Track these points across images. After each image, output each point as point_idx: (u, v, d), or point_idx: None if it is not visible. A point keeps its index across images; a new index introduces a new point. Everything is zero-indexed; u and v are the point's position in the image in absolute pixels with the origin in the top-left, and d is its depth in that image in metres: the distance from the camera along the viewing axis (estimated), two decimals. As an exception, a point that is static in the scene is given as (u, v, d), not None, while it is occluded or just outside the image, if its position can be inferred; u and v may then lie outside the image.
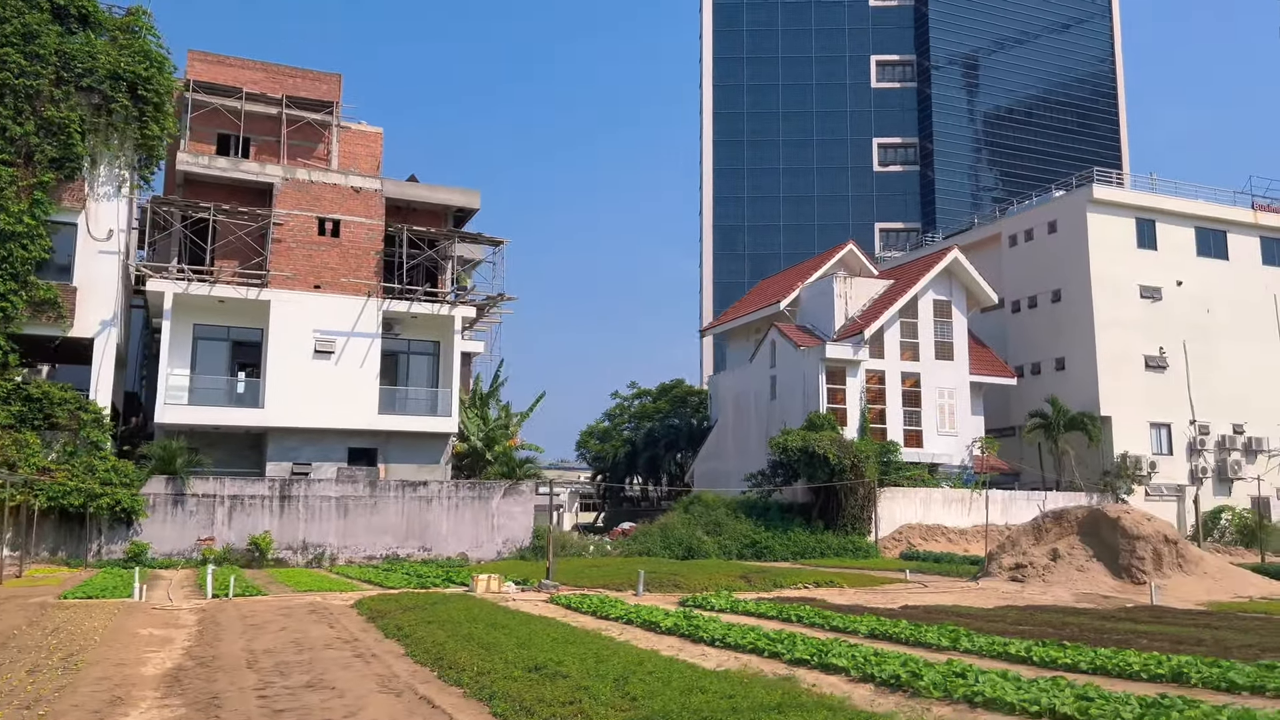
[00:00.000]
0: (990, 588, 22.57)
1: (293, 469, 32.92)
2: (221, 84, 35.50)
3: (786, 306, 47.01)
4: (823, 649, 11.41)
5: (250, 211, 32.55)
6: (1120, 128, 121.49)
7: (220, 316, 33.27)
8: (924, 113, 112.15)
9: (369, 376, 33.65)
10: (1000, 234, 50.85)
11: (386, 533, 32.20)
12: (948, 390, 43.90)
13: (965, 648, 12.53)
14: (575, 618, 16.63)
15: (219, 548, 30.16)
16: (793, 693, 7.41)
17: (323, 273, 33.60)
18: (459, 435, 36.28)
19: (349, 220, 34.19)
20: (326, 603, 16.95)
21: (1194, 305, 46.75)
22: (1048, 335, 47.51)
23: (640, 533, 37.60)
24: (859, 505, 38.04)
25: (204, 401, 32.16)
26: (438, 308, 34.70)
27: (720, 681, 7.68)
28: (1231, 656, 11.56)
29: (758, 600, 19.29)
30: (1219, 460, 46.08)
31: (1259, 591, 21.32)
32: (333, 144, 37.32)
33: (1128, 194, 47.14)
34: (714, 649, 12.57)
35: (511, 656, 9.25)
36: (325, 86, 37.94)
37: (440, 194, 36.40)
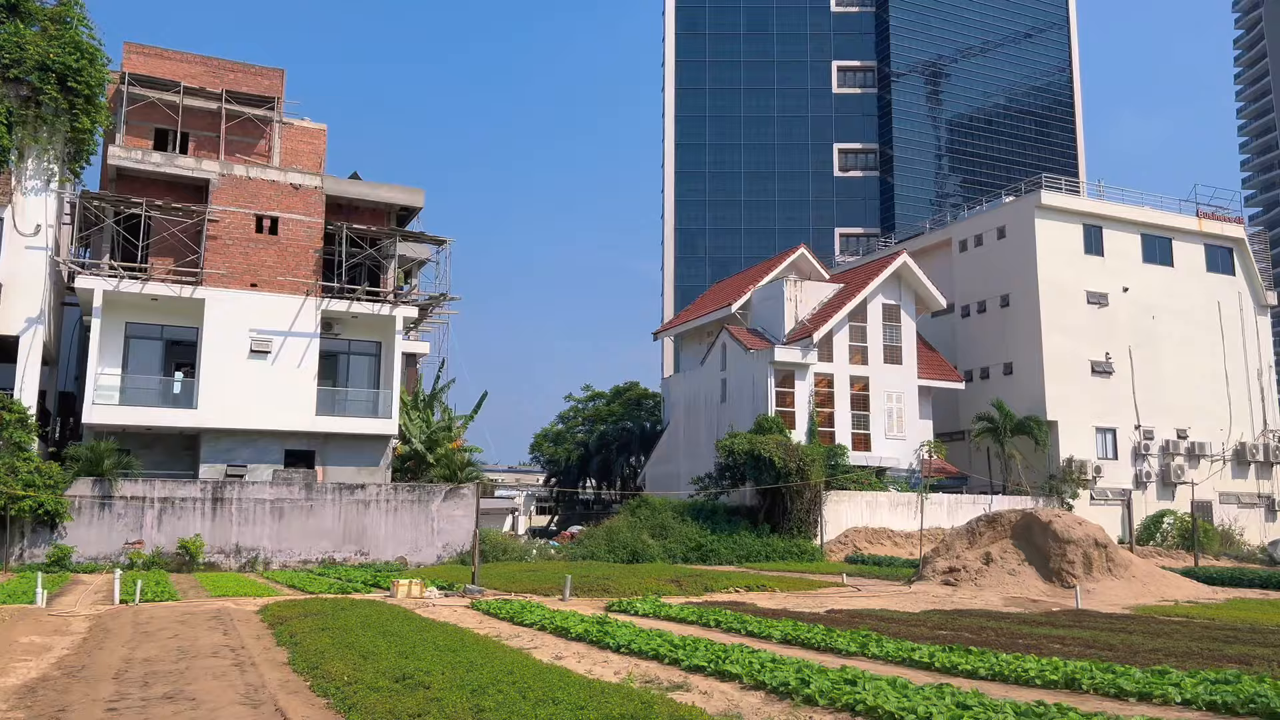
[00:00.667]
0: (922, 592, 22.48)
1: (227, 471, 32.24)
2: (158, 77, 34.71)
3: (738, 309, 46.91)
4: (722, 655, 11.17)
5: (184, 208, 31.86)
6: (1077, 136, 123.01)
7: (154, 315, 32.53)
8: (884, 119, 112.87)
9: (306, 377, 33.05)
10: (951, 239, 51.13)
11: (323, 536, 31.61)
12: (896, 394, 43.99)
13: (873, 653, 12.36)
14: (491, 624, 16.29)
15: (148, 551, 29.43)
16: (649, 702, 7.13)
17: (260, 271, 32.96)
18: (401, 438, 35.76)
19: (288, 218, 33.58)
20: (234, 608, 16.47)
21: (1140, 311, 47.25)
22: (996, 340, 47.79)
23: (585, 536, 37.29)
24: (805, 508, 37.96)
25: (135, 402, 31.40)
26: (378, 308, 34.18)
27: (580, 691, 7.39)
28: (1138, 661, 11.47)
29: (684, 604, 19.05)
30: (1163, 465, 46.56)
31: (1185, 595, 21.39)
32: (274, 140, 36.65)
33: (1075, 200, 47.55)
34: (617, 655, 12.30)
35: (386, 665, 8.91)
36: (267, 82, 37.25)
37: (383, 192, 35.89)
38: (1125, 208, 48.48)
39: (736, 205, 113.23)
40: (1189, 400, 47.38)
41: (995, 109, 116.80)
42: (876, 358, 43.99)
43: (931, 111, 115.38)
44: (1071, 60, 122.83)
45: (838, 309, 43.05)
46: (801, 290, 44.94)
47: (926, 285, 44.93)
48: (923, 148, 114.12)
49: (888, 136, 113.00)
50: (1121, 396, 46.19)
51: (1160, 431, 46.75)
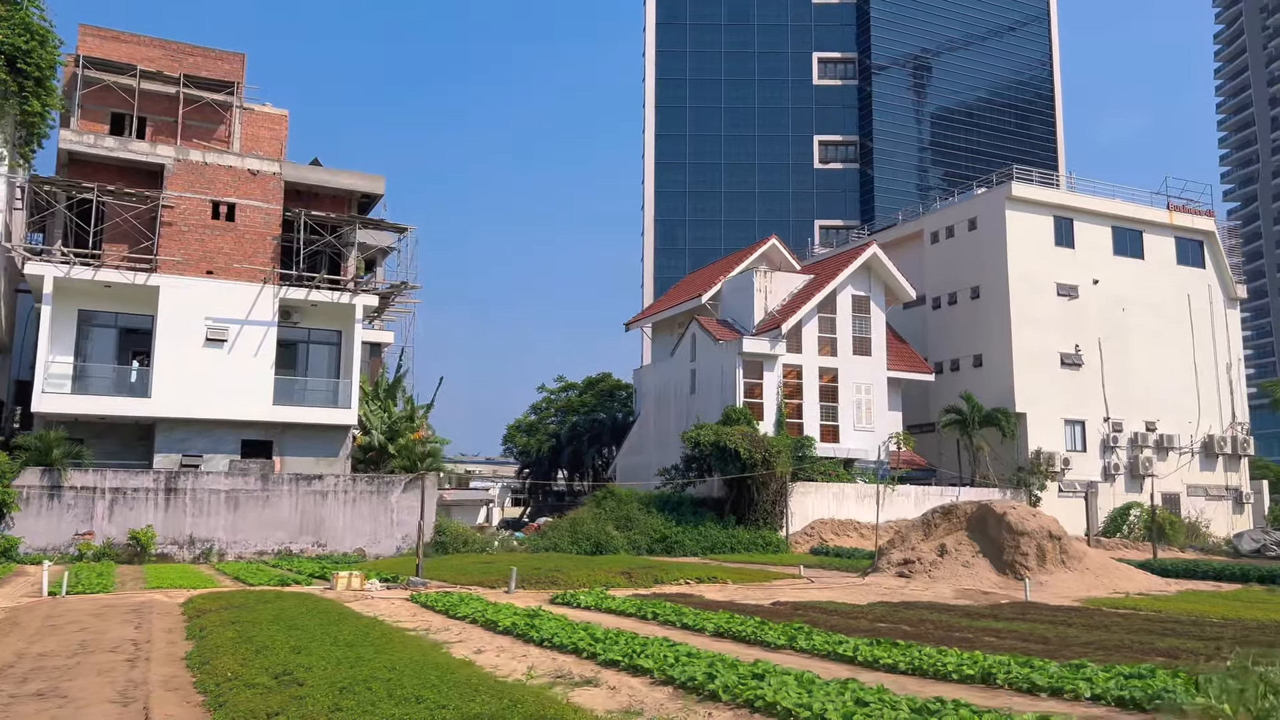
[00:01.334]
0: (875, 583, 22.29)
1: (182, 461, 31.76)
2: (114, 61, 34.10)
3: (709, 300, 46.62)
4: (638, 649, 10.89)
5: (138, 193, 31.29)
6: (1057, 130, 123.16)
7: (108, 302, 31.98)
8: (864, 111, 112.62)
9: (263, 366, 32.57)
10: (923, 231, 50.94)
11: (279, 528, 31.19)
12: (865, 386, 43.82)
13: (801, 646, 12.12)
14: (425, 616, 15.98)
15: (99, 543, 28.95)
16: (518, 700, 6.82)
17: (216, 258, 32.44)
18: (361, 428, 35.34)
19: (245, 204, 33.06)
20: (163, 601, 16.09)
21: (1110, 304, 47.18)
22: (967, 332, 47.66)
23: (549, 528, 36.96)
24: (771, 500, 37.76)
25: (87, 390, 30.89)
26: (338, 296, 33.70)
27: (454, 690, 7.08)
28: (1069, 654, 11.26)
29: (631, 597, 18.79)
30: (1131, 457, 46.57)
31: (1137, 587, 21.26)
32: (234, 126, 36.10)
33: (1046, 192, 47.42)
34: (538, 649, 12.02)
35: (272, 661, 8.58)
36: (227, 66, 36.67)
37: (343, 178, 35.38)
38: (1096, 200, 48.39)
39: (717, 197, 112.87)
40: (1158, 393, 47.39)
41: (976, 102, 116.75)
42: (846, 349, 43.78)
43: (912, 104, 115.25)
44: (1052, 54, 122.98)
45: (807, 300, 42.80)
46: (771, 281, 44.67)
47: (896, 277, 44.74)
48: (903, 140, 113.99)
49: (868, 129, 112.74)
50: (1091, 389, 46.15)
51: (1129, 424, 46.76)
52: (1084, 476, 45.38)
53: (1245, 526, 46.85)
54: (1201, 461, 48.39)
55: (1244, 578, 23.26)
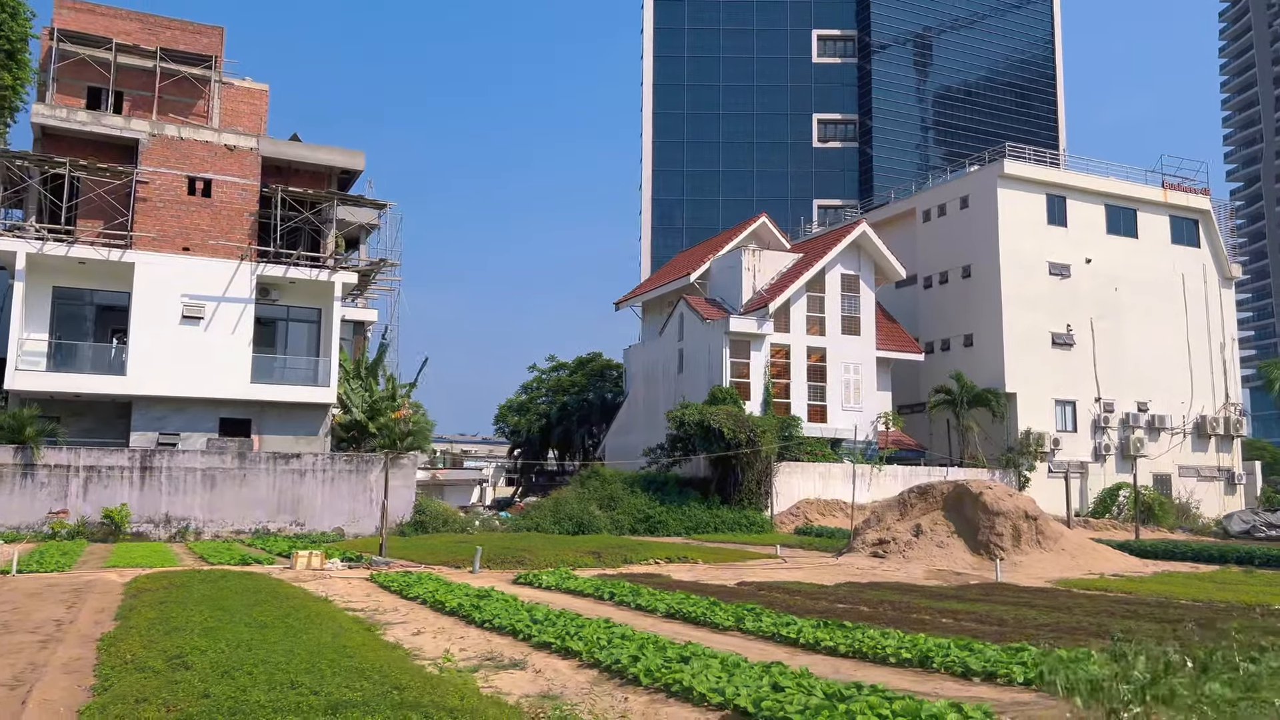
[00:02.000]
0: (847, 564, 22.00)
1: (159, 440, 31.50)
2: (90, 34, 33.61)
3: (697, 279, 46.20)
4: (572, 631, 10.60)
5: (111, 168, 30.88)
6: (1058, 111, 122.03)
7: (83, 279, 31.63)
8: (864, 89, 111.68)
9: (241, 344, 32.24)
10: (915, 209, 50.43)
11: (257, 506, 30.94)
12: (854, 365, 43.44)
13: (747, 628, 11.84)
14: (379, 596, 15.74)
15: (73, 521, 28.73)
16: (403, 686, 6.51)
17: (192, 234, 32.06)
18: (342, 407, 35.04)
19: (221, 180, 32.65)
20: (113, 580, 15.82)
21: (1102, 283, 46.71)
22: (958, 311, 47.24)
23: (532, 507, 36.73)
24: (756, 480, 37.50)
25: (62, 368, 30.58)
26: (316, 273, 33.33)
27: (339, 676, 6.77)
28: (1022, 637, 10.93)
29: (598, 576, 18.53)
30: (1122, 438, 46.24)
31: (1114, 569, 20.95)
32: (213, 100, 35.63)
33: (1039, 170, 46.87)
34: (476, 630, 11.75)
35: (174, 644, 8.28)
36: (206, 40, 36.19)
37: (322, 154, 34.95)
38: (1089, 178, 47.84)
39: (714, 176, 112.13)
40: (1150, 373, 46.99)
41: (977, 81, 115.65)
42: (834, 328, 43.38)
43: (912, 83, 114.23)
44: (1055, 33, 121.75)
45: (795, 279, 42.37)
46: (760, 260, 44.22)
47: (886, 255, 44.28)
48: (903, 119, 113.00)
49: (867, 107, 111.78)
50: (1082, 369, 45.76)
51: (1121, 404, 46.39)
52: (1075, 457, 45.07)
53: (1237, 507, 46.52)
54: (1194, 442, 48.04)
55: (1222, 559, 22.95)
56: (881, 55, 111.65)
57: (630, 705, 7.75)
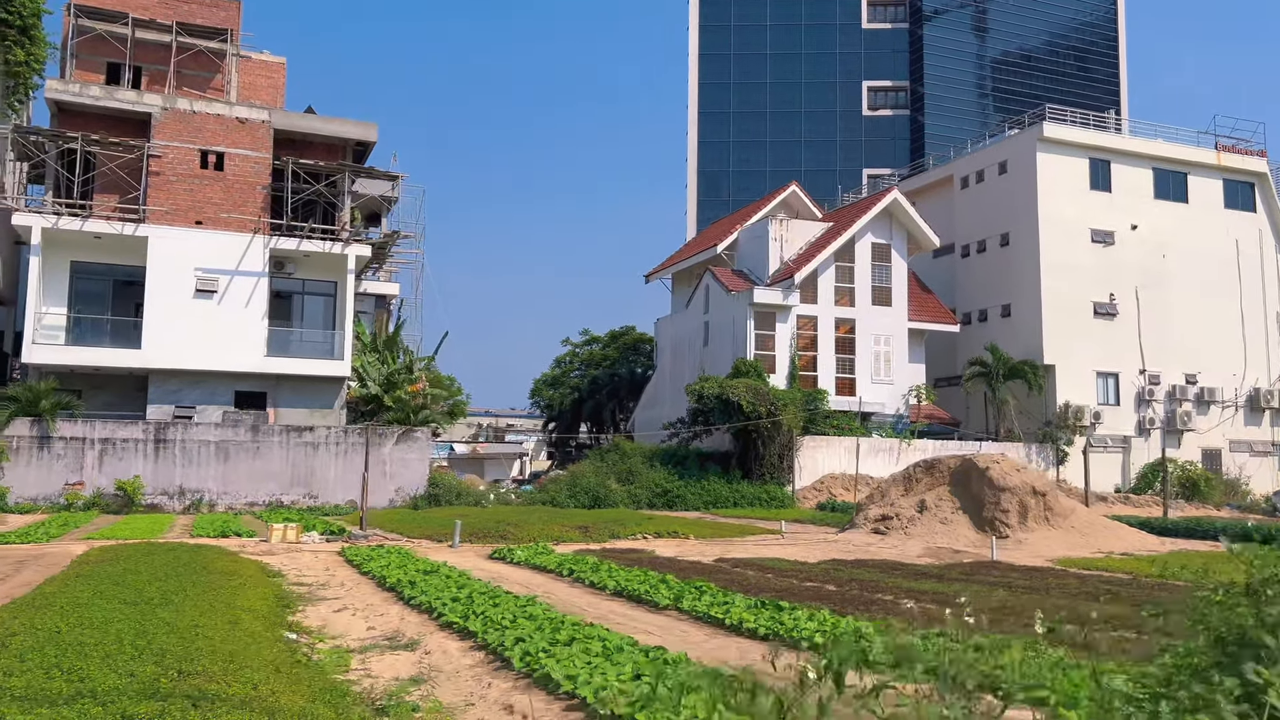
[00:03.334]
0: (846, 540, 21.28)
1: (175, 412, 31.75)
2: (107, 9, 33.75)
3: (724, 250, 45.34)
4: (480, 610, 10.12)
5: (123, 142, 31.00)
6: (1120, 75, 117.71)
7: (100, 253, 31.88)
8: (916, 55, 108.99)
9: (255, 317, 32.30)
10: (953, 176, 48.85)
11: (270, 479, 31.08)
12: (884, 337, 42.31)
13: (684, 607, 11.32)
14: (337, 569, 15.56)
15: (88, 493, 29.11)
16: (209, 671, 6.08)
17: (205, 208, 32.12)
18: (359, 380, 35.03)
19: (234, 153, 32.63)
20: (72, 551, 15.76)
21: (1149, 250, 44.78)
22: (996, 281, 45.71)
23: (550, 481, 36.47)
24: (778, 454, 36.75)
25: (79, 341, 30.92)
26: (329, 246, 33.22)
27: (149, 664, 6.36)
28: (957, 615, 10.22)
29: (577, 552, 18.09)
30: (1169, 411, 44.46)
31: (1126, 546, 19.93)
32: (231, 74, 35.64)
33: (1081, 133, 44.98)
34: (400, 608, 11.41)
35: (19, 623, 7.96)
36: (223, 13, 36.16)
37: (335, 126, 34.75)
38: (1136, 141, 45.84)
39: (762, 146, 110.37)
40: (1200, 344, 45.03)
41: (1036, 46, 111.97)
42: (864, 299, 42.25)
43: (967, 47, 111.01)
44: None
45: (823, 249, 41.31)
46: (788, 229, 43.20)
47: (919, 223, 42.95)
48: (955, 85, 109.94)
49: (919, 73, 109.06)
50: (1126, 340, 43.99)
51: (1167, 376, 44.56)
52: (1117, 431, 43.48)
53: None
54: (1246, 416, 46.03)
55: (1246, 537, 21.75)
56: (934, 20, 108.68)
57: (489, 692, 7.27)
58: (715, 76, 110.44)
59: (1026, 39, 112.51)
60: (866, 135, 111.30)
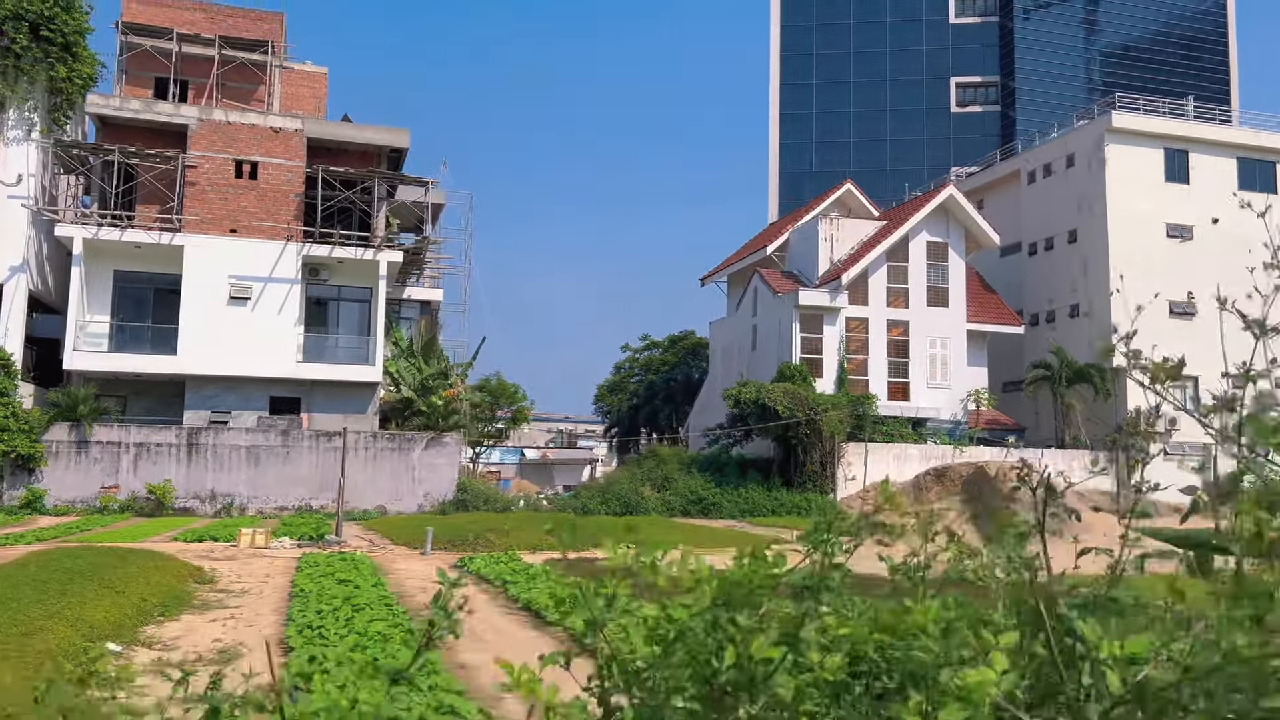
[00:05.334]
0: (845, 553, 20.14)
1: (211, 418, 32.35)
2: (154, 25, 34.76)
3: (774, 251, 44.21)
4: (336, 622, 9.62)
5: (158, 153, 31.76)
6: (1230, 63, 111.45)
7: (140, 262, 32.73)
8: (1006, 49, 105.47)
9: (288, 323, 32.71)
10: (1020, 171, 46.68)
11: (299, 483, 31.37)
12: (940, 339, 40.54)
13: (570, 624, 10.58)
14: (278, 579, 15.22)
15: (123, 496, 29.83)
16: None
17: (239, 216, 32.68)
18: (395, 385, 35.17)
19: (267, 162, 33.13)
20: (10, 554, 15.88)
21: (1232, 245, 41.78)
22: (1064, 279, 43.40)
23: (582, 488, 35.99)
24: (820, 461, 35.50)
25: (120, 349, 31.76)
26: (361, 252, 33.43)
27: None
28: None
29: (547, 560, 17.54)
30: (1255, 417, 41.43)
31: (1143, 564, 18.31)
32: (273, 85, 36.31)
33: (1154, 121, 42.40)
34: (276, 618, 10.94)
35: None
36: (267, 26, 36.91)
37: (367, 133, 35.00)
38: (1216, 129, 42.99)
39: (845, 147, 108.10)
40: (1290, 345, 41.89)
41: (1136, 35, 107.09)
42: (919, 300, 40.56)
43: (1061, 39, 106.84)
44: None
45: (874, 248, 39.84)
46: (839, 229, 41.82)
47: (977, 221, 41.08)
48: (1050, 79, 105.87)
49: (1009, 68, 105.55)
50: (1206, 341, 41.08)
51: (1253, 380, 41.55)
52: (1196, 439, 40.53)
53: (1395, 497, 41.06)
54: (1345, 423, 42.59)
55: None
56: (1033, 14, 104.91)
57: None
58: (797, 77, 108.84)
59: (1129, 29, 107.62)
60: (955, 133, 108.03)
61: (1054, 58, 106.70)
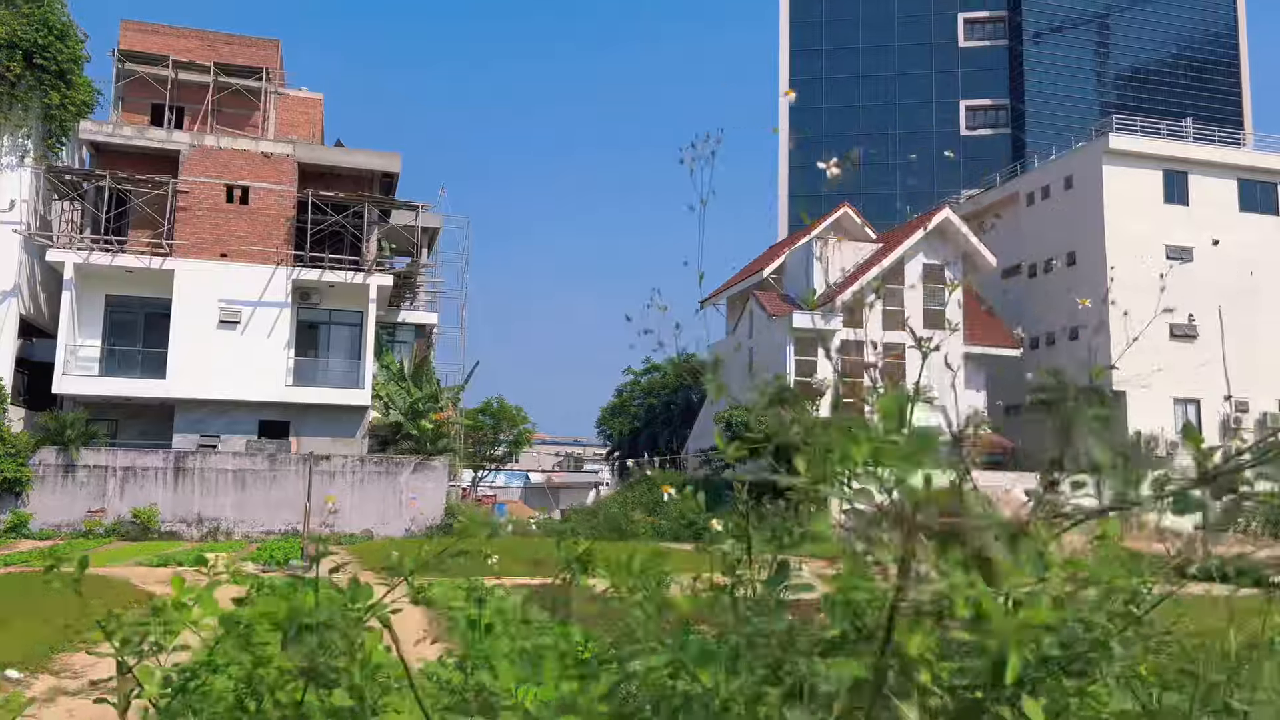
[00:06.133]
0: (818, 579, 19.85)
1: (200, 442, 32.38)
2: (149, 53, 35.09)
3: (771, 274, 44.06)
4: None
5: (149, 179, 32.00)
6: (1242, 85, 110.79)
7: (133, 287, 32.90)
8: (1016, 72, 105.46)
9: (277, 347, 32.77)
10: (1019, 193, 46.44)
11: (285, 507, 31.27)
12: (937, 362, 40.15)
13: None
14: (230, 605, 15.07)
15: (110, 520, 29.85)
16: None
17: (229, 241, 32.84)
18: (385, 409, 35.12)
19: (258, 186, 33.32)
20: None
21: (1234, 267, 41.42)
22: (1063, 302, 42.94)
23: (573, 512, 35.80)
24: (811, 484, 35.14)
25: (109, 373, 31.90)
26: (350, 276, 33.51)
27: None
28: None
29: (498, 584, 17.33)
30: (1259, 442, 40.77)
31: (1117, 592, 17.91)
32: (269, 110, 36.57)
33: (1152, 143, 42.11)
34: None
35: None
36: (262, 53, 37.19)
37: (359, 158, 35.18)
38: (1217, 150, 42.63)
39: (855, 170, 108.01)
40: (1295, 368, 41.33)
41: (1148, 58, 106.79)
42: (915, 323, 40.28)
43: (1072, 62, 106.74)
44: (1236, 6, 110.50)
45: (869, 271, 39.64)
46: (834, 251, 41.63)
47: (974, 243, 40.84)
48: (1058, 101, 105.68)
49: (1019, 90, 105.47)
50: (1208, 364, 40.68)
51: (1257, 403, 40.98)
52: (1198, 463, 40.09)
53: (1404, 522, 40.27)
54: (1352, 447, 41.88)
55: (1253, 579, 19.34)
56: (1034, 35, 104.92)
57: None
58: (806, 101, 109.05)
59: (1140, 53, 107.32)
60: (965, 155, 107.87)
61: (1064, 81, 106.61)
